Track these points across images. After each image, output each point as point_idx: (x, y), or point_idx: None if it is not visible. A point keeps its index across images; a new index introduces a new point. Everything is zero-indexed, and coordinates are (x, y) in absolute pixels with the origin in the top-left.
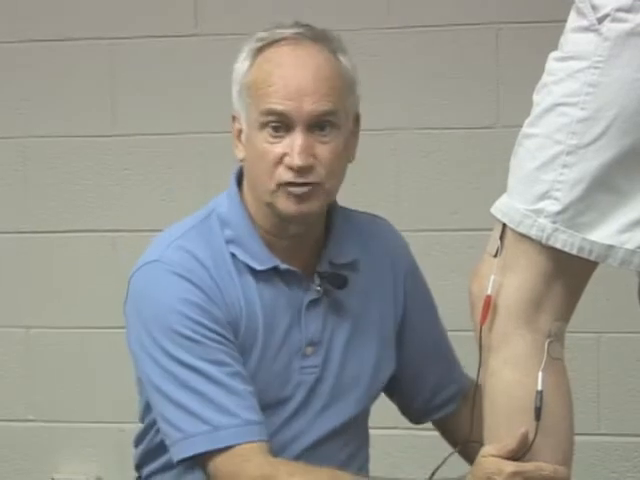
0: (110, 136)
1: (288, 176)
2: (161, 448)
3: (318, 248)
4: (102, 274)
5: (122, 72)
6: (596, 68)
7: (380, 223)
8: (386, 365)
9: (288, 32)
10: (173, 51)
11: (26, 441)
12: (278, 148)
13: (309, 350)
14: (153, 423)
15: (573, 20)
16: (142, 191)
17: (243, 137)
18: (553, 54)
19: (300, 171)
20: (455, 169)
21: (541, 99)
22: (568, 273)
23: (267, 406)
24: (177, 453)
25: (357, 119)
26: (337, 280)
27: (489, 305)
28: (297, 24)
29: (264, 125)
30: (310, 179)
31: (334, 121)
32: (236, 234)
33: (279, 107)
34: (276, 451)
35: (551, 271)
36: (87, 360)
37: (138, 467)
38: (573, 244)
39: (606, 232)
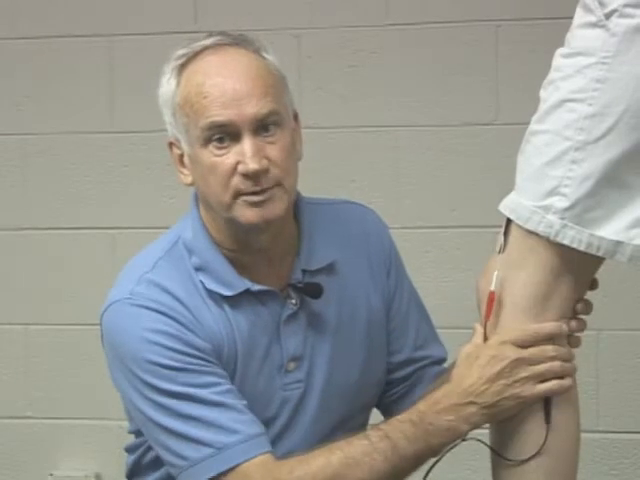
0: (110, 133)
1: (245, 185)
2: (151, 465)
3: (289, 257)
4: (102, 271)
5: (122, 69)
6: (604, 64)
7: (353, 210)
8: (376, 367)
9: (207, 42)
10: (173, 47)
11: (25, 438)
12: (228, 159)
13: (291, 365)
14: (143, 441)
15: (580, 16)
16: (142, 188)
17: (186, 160)
18: (560, 50)
19: (256, 177)
20: (454, 166)
21: (548, 95)
22: (575, 269)
23: None
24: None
25: (296, 116)
26: (312, 290)
27: (493, 301)
28: (213, 33)
29: (208, 140)
30: (268, 184)
31: (277, 120)
32: (202, 261)
33: (220, 118)
34: None
35: (559, 267)
36: (86, 357)
37: (129, 477)
38: (581, 240)
39: (614, 228)
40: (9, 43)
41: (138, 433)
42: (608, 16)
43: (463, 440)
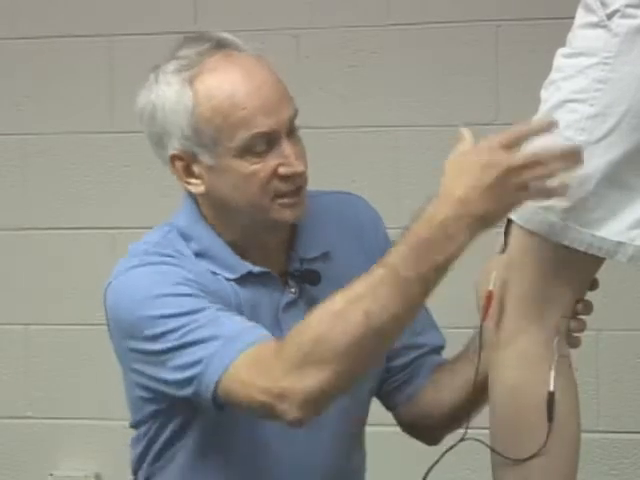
0: (110, 132)
1: (285, 186)
2: (157, 457)
3: (286, 246)
4: (102, 271)
5: (122, 69)
6: (605, 64)
7: (348, 201)
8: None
9: (202, 49)
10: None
11: (25, 438)
12: (268, 164)
13: None
14: (147, 430)
15: (581, 16)
16: (142, 188)
17: (198, 170)
18: (561, 50)
19: (297, 177)
20: None
21: (549, 96)
22: (576, 270)
23: (252, 417)
24: (207, 385)
25: None
26: (310, 277)
27: (491, 300)
28: (195, 39)
29: (247, 151)
30: (302, 183)
31: (296, 122)
32: (202, 247)
33: (264, 129)
34: (272, 460)
35: (559, 268)
36: (86, 357)
37: (135, 471)
38: (582, 241)
39: (615, 228)
40: (9, 43)
41: (139, 424)
42: (610, 16)
43: (463, 440)
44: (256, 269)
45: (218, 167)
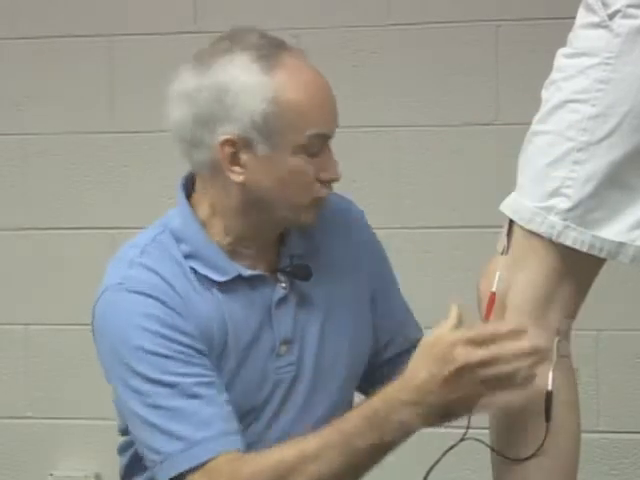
0: (109, 133)
1: (324, 192)
2: (144, 466)
3: (276, 244)
4: (102, 271)
5: (122, 69)
6: (607, 64)
7: (334, 201)
8: (363, 346)
9: (276, 41)
10: (172, 48)
11: (25, 438)
12: (313, 166)
13: (283, 349)
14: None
15: (583, 16)
16: (142, 188)
17: (246, 159)
18: (562, 50)
19: (330, 185)
20: (454, 166)
21: (550, 96)
22: (577, 270)
23: (247, 412)
24: (161, 477)
25: None
26: (301, 272)
27: (493, 302)
28: (261, 34)
29: (307, 147)
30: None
31: None
32: (193, 248)
33: (328, 130)
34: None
35: (561, 269)
36: (86, 357)
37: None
38: (584, 241)
39: (617, 229)
40: (9, 43)
41: (125, 431)
42: (611, 17)
43: (463, 440)
44: (246, 273)
45: (272, 159)
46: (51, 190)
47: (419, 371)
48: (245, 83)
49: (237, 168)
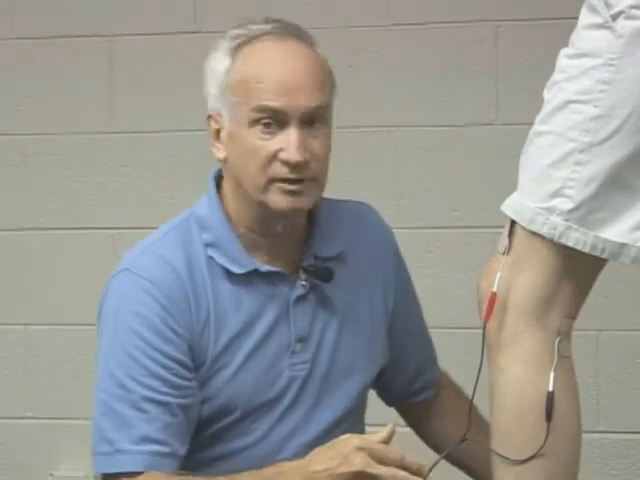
0: (109, 133)
1: (283, 171)
2: None
3: (302, 243)
4: (102, 271)
5: (121, 69)
6: (610, 65)
7: (365, 211)
8: (378, 355)
9: (267, 27)
10: (172, 48)
11: (25, 438)
12: (272, 144)
13: (298, 347)
14: None
15: (585, 17)
16: (142, 188)
17: (224, 136)
18: (564, 51)
19: (296, 167)
20: (455, 166)
21: (552, 96)
22: (579, 271)
23: (258, 407)
24: (96, 465)
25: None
26: (323, 273)
27: (494, 302)
28: (269, 20)
29: (255, 122)
30: (305, 175)
31: (323, 115)
32: (215, 237)
33: (273, 104)
34: (273, 449)
35: (562, 269)
36: (85, 357)
37: None
38: (585, 242)
39: (619, 230)
40: (9, 43)
41: None
42: (614, 17)
43: (463, 440)
44: (263, 268)
45: (235, 134)
46: (51, 190)
47: (318, 460)
48: (215, 58)
49: (219, 145)
